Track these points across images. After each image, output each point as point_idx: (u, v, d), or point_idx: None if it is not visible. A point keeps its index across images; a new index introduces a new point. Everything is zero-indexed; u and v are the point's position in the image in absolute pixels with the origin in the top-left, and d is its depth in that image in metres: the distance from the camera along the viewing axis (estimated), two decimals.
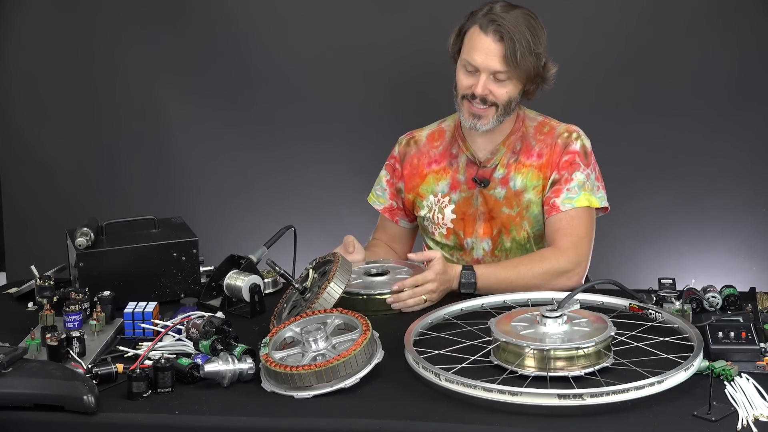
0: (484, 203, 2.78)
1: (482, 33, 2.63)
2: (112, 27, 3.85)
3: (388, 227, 2.95)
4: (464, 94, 2.69)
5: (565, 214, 2.68)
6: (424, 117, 2.97)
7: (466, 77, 2.68)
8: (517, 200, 2.75)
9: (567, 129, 2.76)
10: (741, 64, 3.67)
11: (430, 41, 3.62)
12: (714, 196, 3.76)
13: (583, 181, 2.70)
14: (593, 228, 2.72)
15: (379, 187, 2.92)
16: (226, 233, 3.89)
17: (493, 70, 2.63)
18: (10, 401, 1.97)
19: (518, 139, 2.76)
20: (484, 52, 2.63)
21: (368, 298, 2.51)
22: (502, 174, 2.76)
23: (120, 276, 2.56)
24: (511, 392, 1.93)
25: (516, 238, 2.78)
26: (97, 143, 3.96)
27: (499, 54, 2.62)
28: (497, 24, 2.61)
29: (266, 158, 3.94)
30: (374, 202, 2.94)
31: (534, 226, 2.77)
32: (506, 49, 2.61)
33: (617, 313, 2.34)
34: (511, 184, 2.75)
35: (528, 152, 2.75)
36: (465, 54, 2.67)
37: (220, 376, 2.07)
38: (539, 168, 2.74)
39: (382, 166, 2.94)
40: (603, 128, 2.89)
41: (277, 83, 3.86)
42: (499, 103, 2.67)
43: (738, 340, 2.12)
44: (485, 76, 2.64)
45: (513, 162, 2.76)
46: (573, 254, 2.64)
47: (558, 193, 2.70)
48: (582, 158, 2.72)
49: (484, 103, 2.66)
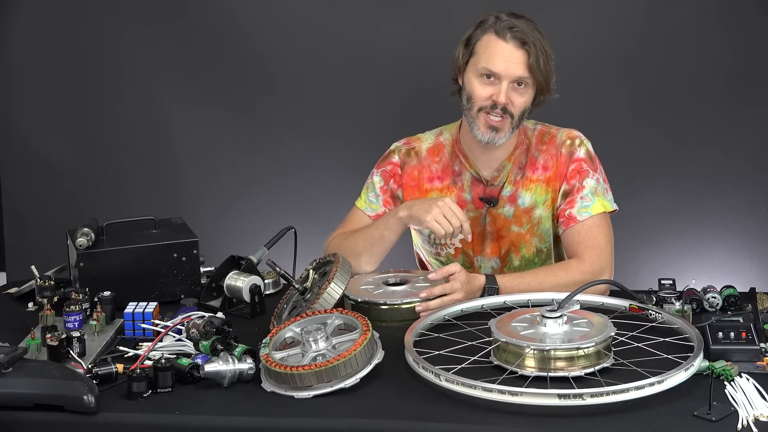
0: (492, 222, 2.72)
1: (501, 40, 2.55)
2: (113, 27, 3.85)
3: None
4: (482, 106, 2.59)
5: (583, 225, 2.64)
6: (425, 118, 2.97)
7: (484, 87, 2.59)
8: (527, 217, 2.71)
9: (568, 136, 2.70)
10: (741, 65, 3.67)
11: (431, 42, 3.64)
12: (714, 197, 3.76)
13: (594, 186, 2.67)
14: (611, 233, 2.67)
15: (373, 194, 2.79)
16: (227, 234, 3.89)
17: (516, 77, 2.56)
18: (10, 401, 1.97)
19: (523, 152, 2.70)
20: (506, 59, 2.55)
21: (392, 308, 2.45)
22: (510, 191, 2.70)
23: (120, 276, 2.56)
24: (511, 392, 1.93)
25: (525, 255, 2.74)
26: (97, 143, 3.97)
27: (522, 60, 2.55)
28: (516, 30, 2.54)
29: (267, 159, 3.94)
30: (366, 209, 2.79)
31: (544, 241, 2.74)
32: (530, 55, 2.54)
33: (617, 313, 2.34)
34: (519, 202, 2.70)
35: (533, 166, 2.70)
36: (483, 62, 2.57)
37: (220, 376, 2.07)
38: (546, 182, 2.69)
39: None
40: (603, 129, 2.89)
41: (278, 84, 3.87)
42: (515, 114, 2.59)
43: (738, 341, 2.12)
44: (507, 83, 2.56)
45: (520, 178, 2.70)
46: (597, 265, 2.60)
47: (572, 203, 2.66)
48: (588, 164, 2.68)
49: (503, 113, 2.58)
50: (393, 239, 2.68)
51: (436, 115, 2.93)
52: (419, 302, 2.45)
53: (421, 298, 2.45)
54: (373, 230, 2.70)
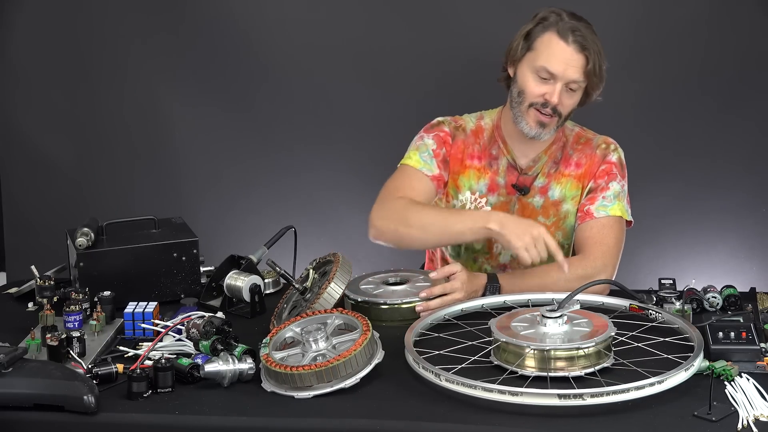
0: (520, 210, 2.73)
1: (562, 41, 2.56)
2: (114, 27, 3.85)
3: (427, 197, 2.70)
4: (534, 102, 2.61)
5: (597, 222, 2.65)
6: (425, 118, 2.96)
7: (538, 85, 2.60)
8: (554, 210, 2.72)
9: (605, 141, 2.75)
10: (741, 65, 3.66)
11: (432, 43, 3.64)
12: (714, 197, 3.76)
13: (618, 191, 2.69)
14: (623, 239, 2.67)
15: (426, 155, 2.71)
16: (227, 233, 3.89)
17: (572, 80, 2.57)
18: (10, 401, 1.97)
19: (560, 148, 2.73)
20: (566, 62, 2.56)
21: (392, 307, 2.45)
22: (543, 183, 2.72)
23: (120, 276, 2.56)
24: (511, 392, 1.93)
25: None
26: (97, 143, 3.96)
27: (580, 65, 2.56)
28: (578, 34, 2.55)
29: (267, 158, 3.94)
30: (423, 168, 2.69)
31: (568, 237, 2.74)
32: (589, 61, 2.56)
33: (618, 313, 2.34)
34: (549, 194, 2.72)
35: (567, 162, 2.73)
36: (542, 61, 2.57)
37: (220, 376, 2.07)
38: (578, 178, 2.71)
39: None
40: (603, 129, 2.88)
41: (278, 83, 3.86)
42: (563, 114, 2.62)
43: (738, 340, 2.12)
44: (561, 84, 2.58)
45: (553, 172, 2.72)
46: (600, 261, 2.60)
47: (593, 200, 2.67)
48: (618, 169, 2.71)
49: (553, 112, 2.60)
50: (468, 242, 2.69)
51: (436, 116, 2.92)
52: (419, 302, 2.45)
53: (421, 298, 2.46)
54: (453, 220, 2.57)
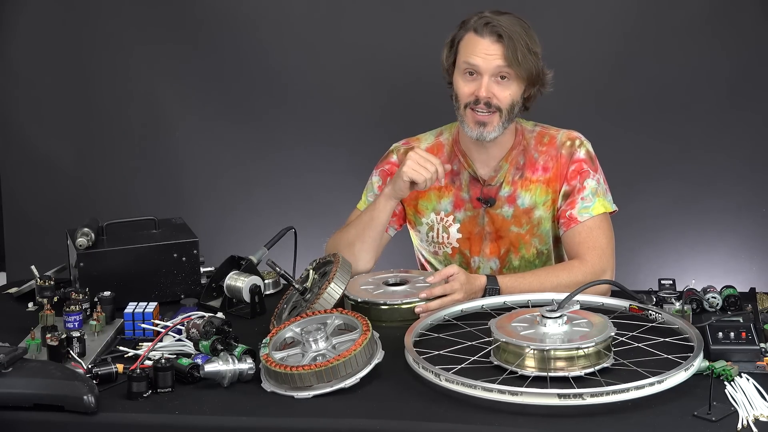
0: (490, 223, 2.73)
1: (478, 36, 2.59)
2: (114, 27, 3.85)
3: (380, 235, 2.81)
4: (467, 102, 2.63)
5: (584, 226, 2.64)
6: (425, 119, 2.97)
7: (467, 83, 2.62)
8: (526, 218, 2.71)
9: (568, 137, 2.71)
10: (740, 65, 3.67)
11: (432, 44, 3.62)
12: (714, 197, 3.77)
13: (595, 187, 2.67)
14: (612, 233, 2.68)
15: (371, 194, 2.80)
16: (227, 234, 3.89)
17: (495, 70, 2.59)
18: (10, 401, 1.97)
19: (520, 153, 2.71)
20: (484, 52, 2.58)
21: (392, 308, 2.45)
22: (509, 192, 2.71)
23: (120, 276, 2.56)
24: (511, 392, 1.93)
25: (525, 255, 2.74)
26: (97, 143, 3.97)
27: (499, 53, 2.58)
28: (492, 25, 2.58)
29: (267, 159, 3.94)
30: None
31: (544, 243, 2.74)
32: (506, 48, 2.57)
33: (617, 313, 2.34)
34: (518, 202, 2.70)
35: (532, 167, 2.70)
36: (463, 58, 2.61)
37: (220, 376, 2.07)
38: (546, 183, 2.70)
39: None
40: (602, 130, 2.90)
41: (279, 85, 3.87)
42: (502, 108, 2.61)
43: (738, 341, 2.12)
44: (487, 77, 2.59)
45: (518, 179, 2.71)
46: (599, 266, 2.61)
47: (573, 204, 2.66)
48: (589, 164, 2.69)
49: (488, 108, 2.60)
50: (383, 219, 2.70)
51: (436, 117, 2.92)
52: (419, 303, 2.45)
53: (420, 299, 2.46)
54: (363, 216, 2.74)
